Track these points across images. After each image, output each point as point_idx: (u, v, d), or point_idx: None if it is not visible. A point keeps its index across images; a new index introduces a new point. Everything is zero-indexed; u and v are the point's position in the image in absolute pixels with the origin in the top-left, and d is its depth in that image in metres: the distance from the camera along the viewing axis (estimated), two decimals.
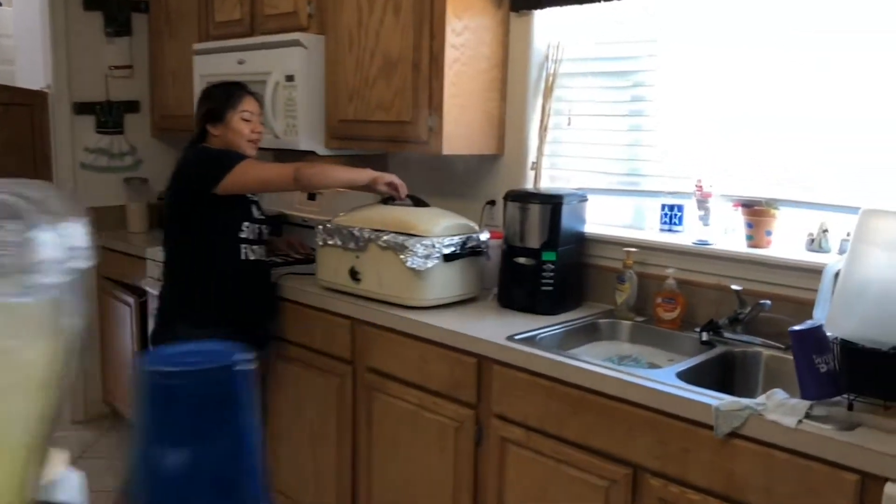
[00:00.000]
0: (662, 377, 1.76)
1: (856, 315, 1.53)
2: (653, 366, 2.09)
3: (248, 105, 2.46)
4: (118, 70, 3.74)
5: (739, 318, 2.08)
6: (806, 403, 1.56)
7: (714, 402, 1.60)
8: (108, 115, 3.72)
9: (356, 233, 2.41)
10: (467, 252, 2.38)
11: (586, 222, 2.46)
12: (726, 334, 2.09)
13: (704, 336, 2.08)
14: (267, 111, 2.89)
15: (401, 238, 2.29)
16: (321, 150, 2.91)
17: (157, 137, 3.91)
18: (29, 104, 3.51)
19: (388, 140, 2.66)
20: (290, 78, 2.85)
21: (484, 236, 2.45)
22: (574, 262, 2.40)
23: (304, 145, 2.87)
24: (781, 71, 2.12)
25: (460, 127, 2.54)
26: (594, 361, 1.87)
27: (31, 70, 3.74)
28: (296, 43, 2.82)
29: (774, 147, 2.16)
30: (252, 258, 2.46)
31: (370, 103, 2.68)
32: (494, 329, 2.13)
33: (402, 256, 2.27)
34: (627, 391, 1.74)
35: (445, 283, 2.34)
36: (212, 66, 3.22)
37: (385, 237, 2.33)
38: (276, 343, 2.72)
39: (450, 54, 2.46)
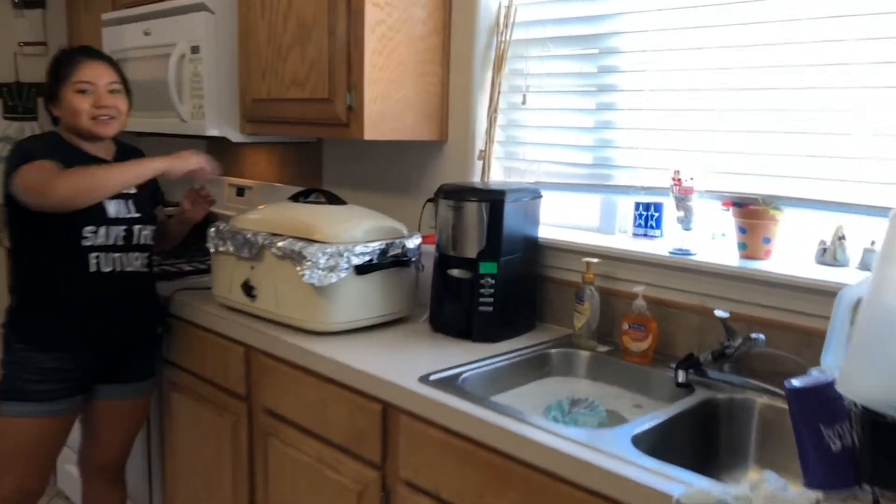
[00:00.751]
0: (610, 444, 1.27)
1: (882, 369, 1.03)
2: (611, 415, 1.60)
3: (85, 72, 1.93)
4: (29, 47, 3.28)
5: (726, 352, 1.58)
6: (811, 497, 1.06)
7: (675, 491, 1.10)
8: (18, 99, 3.27)
9: (250, 237, 1.93)
10: (389, 262, 1.89)
11: (540, 224, 1.97)
12: (710, 373, 1.59)
13: (681, 376, 1.58)
14: (171, 90, 2.42)
15: (298, 245, 1.81)
16: (235, 136, 2.44)
17: None
18: None
19: (305, 123, 2.18)
20: (195, 49, 2.37)
21: (412, 242, 1.96)
22: (522, 275, 1.91)
23: (213, 130, 2.39)
24: (783, 35, 1.61)
25: (388, 106, 2.05)
26: (522, 417, 1.37)
27: None
28: (201, 7, 2.34)
29: (776, 130, 1.65)
30: (107, 269, 1.95)
31: (284, 78, 2.20)
32: (413, 364, 1.64)
33: (298, 268, 1.79)
34: (559, 464, 1.25)
35: (359, 301, 1.86)
36: (119, 39, 2.75)
37: (280, 243, 1.85)
38: (167, 370, 2.25)
39: (372, 14, 1.98)
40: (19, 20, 3.25)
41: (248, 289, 1.95)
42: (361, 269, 1.83)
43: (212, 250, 2.05)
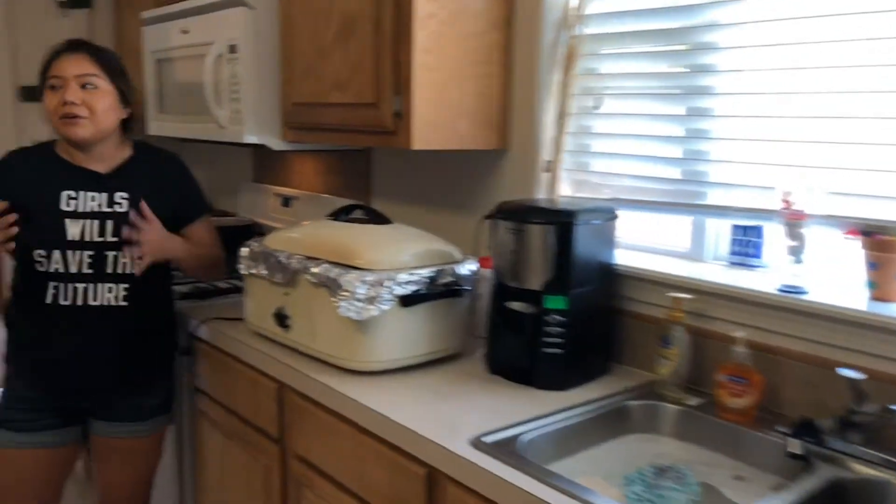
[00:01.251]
0: None
1: None
2: (707, 490, 1.31)
3: (57, 66, 1.71)
4: None
5: (854, 419, 1.27)
6: None
7: None
8: None
9: (283, 261, 1.70)
10: (438, 292, 1.64)
11: (616, 249, 1.69)
12: (832, 444, 1.28)
13: (795, 446, 1.28)
14: (207, 93, 2.22)
15: (335, 271, 1.57)
16: (275, 144, 2.22)
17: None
18: None
19: (347, 130, 1.94)
20: (233, 49, 2.17)
21: (467, 268, 1.71)
22: (596, 311, 1.63)
23: (251, 137, 2.18)
24: None
25: (440, 111, 1.80)
26: (594, 500, 1.10)
27: None
28: (239, 2, 2.13)
29: None
30: (66, 302, 1.72)
31: (326, 80, 1.97)
32: (464, 418, 1.39)
33: (333, 299, 1.55)
34: None
35: (404, 337, 1.61)
36: (158, 39, 2.58)
37: (315, 269, 1.61)
38: (198, 399, 2.05)
39: (423, 7, 1.72)
40: (64, 20, 3.12)
41: (281, 318, 1.73)
42: (407, 301, 1.58)
43: (243, 272, 1.84)
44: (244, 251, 1.83)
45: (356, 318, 1.53)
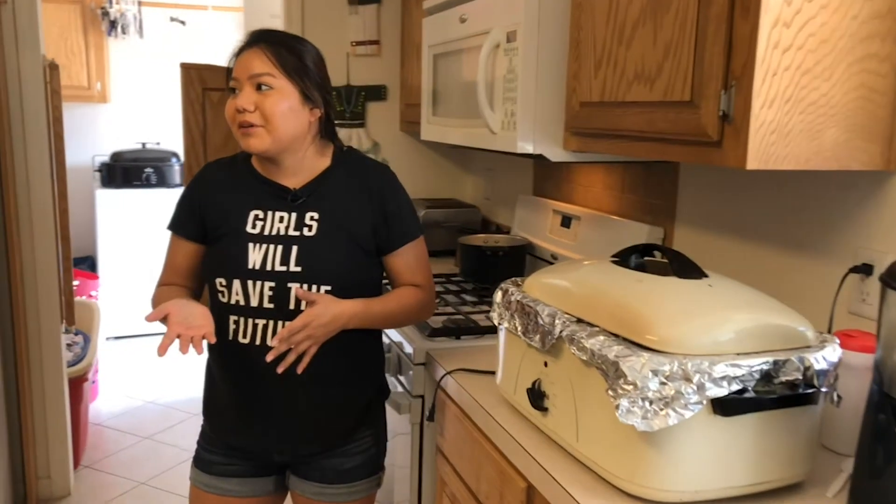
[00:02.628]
0: None
1: None
2: None
3: (236, 67, 1.43)
4: (361, 46, 3.00)
5: None
6: None
7: None
8: (347, 104, 3.01)
9: (545, 320, 1.23)
10: (778, 396, 1.05)
11: None
12: None
13: None
14: (479, 93, 1.84)
15: (614, 350, 1.06)
16: (554, 155, 1.77)
17: (406, 132, 3.11)
18: None
19: (651, 138, 1.41)
20: (511, 37, 1.76)
21: (824, 358, 1.09)
22: None
23: (526, 146, 1.75)
24: None
25: (794, 115, 1.19)
26: None
27: None
28: None
29: None
30: (245, 340, 1.42)
31: (626, 71, 1.47)
32: None
33: (611, 393, 1.05)
34: None
35: (717, 458, 1.06)
36: (437, 31, 2.27)
37: (587, 342, 1.11)
38: (440, 463, 1.67)
39: None
40: (353, 18, 2.99)
41: (536, 396, 1.27)
42: (725, 407, 1.02)
43: (495, 322, 1.41)
44: (497, 296, 1.40)
45: (642, 427, 1.01)
